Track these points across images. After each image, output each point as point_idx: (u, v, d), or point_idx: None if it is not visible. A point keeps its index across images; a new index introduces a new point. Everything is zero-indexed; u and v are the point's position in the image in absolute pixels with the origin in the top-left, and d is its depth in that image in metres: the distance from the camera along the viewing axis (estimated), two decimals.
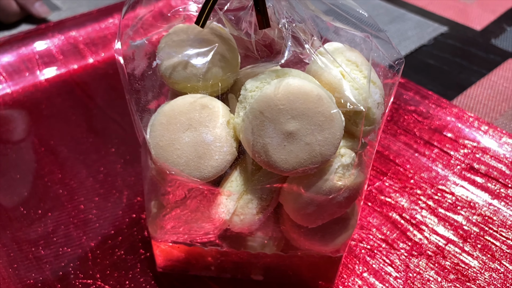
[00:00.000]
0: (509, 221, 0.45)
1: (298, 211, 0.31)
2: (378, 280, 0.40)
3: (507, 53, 0.71)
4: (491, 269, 0.41)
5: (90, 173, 0.48)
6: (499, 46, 0.73)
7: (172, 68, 0.30)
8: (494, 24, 0.78)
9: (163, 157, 0.29)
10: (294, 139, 0.27)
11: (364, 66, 0.30)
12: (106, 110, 0.56)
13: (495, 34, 0.76)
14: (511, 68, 0.68)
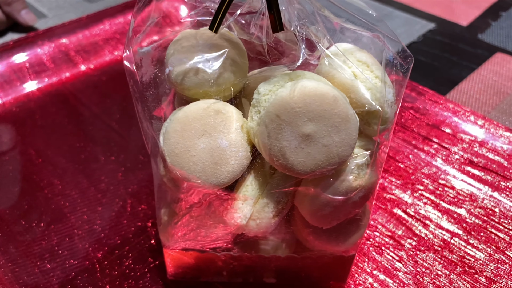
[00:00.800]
0: (510, 212, 0.46)
1: (315, 213, 0.31)
2: (388, 276, 0.41)
3: (494, 47, 0.73)
4: (496, 260, 0.42)
5: (91, 182, 0.48)
6: (485, 40, 0.74)
7: (183, 75, 0.29)
8: (479, 20, 0.79)
9: (179, 165, 0.28)
10: (311, 141, 0.27)
11: (374, 66, 0.30)
12: (102, 117, 0.55)
13: (481, 29, 0.77)
14: (499, 62, 0.70)
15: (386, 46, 0.29)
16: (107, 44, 0.64)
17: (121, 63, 0.63)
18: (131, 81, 0.32)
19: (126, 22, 0.67)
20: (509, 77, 0.67)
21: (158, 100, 0.34)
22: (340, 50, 0.30)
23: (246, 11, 0.29)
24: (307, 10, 0.28)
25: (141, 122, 0.34)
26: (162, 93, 0.35)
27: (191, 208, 0.33)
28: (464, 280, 0.40)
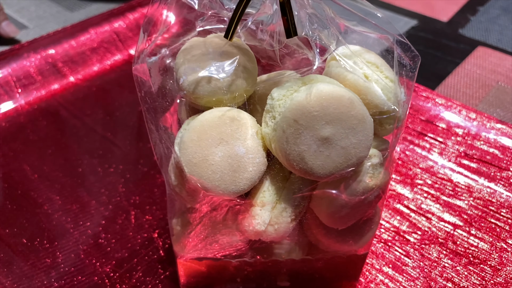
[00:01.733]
0: (507, 202, 0.47)
1: (333, 215, 0.31)
2: (397, 272, 0.41)
3: (475, 41, 0.75)
4: (499, 249, 0.43)
5: (92, 195, 0.47)
6: (466, 35, 0.77)
7: (195, 83, 0.29)
8: (458, 15, 0.82)
9: (198, 174, 0.28)
10: (330, 144, 0.27)
11: (384, 67, 0.31)
12: (96, 129, 0.54)
13: (461, 24, 0.79)
14: (481, 55, 0.72)
15: (396, 48, 0.30)
16: (95, 53, 0.63)
17: (110, 72, 0.62)
18: (142, 92, 0.32)
19: (112, 30, 0.66)
20: (492, 69, 0.69)
21: (167, 110, 0.34)
22: (347, 52, 0.31)
23: (256, 16, 0.29)
24: (319, 14, 0.28)
25: (151, 133, 0.34)
26: (169, 102, 0.35)
27: (205, 216, 0.33)
28: (470, 270, 0.42)
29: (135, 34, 0.67)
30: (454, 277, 0.41)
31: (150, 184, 0.48)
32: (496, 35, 0.77)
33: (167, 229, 0.44)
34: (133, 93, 0.59)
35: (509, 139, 0.51)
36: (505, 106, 0.62)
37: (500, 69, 0.69)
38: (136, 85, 0.32)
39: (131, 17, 0.68)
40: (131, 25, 0.68)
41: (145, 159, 0.51)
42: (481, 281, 0.41)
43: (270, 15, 0.28)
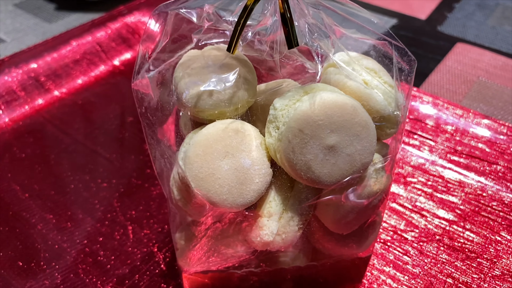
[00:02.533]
0: (497, 195, 0.48)
1: (339, 221, 0.31)
2: (398, 271, 0.42)
3: (454, 38, 0.77)
4: (494, 241, 0.44)
5: (86, 212, 0.46)
6: (445, 32, 0.78)
7: (197, 97, 0.29)
8: (436, 13, 0.83)
9: (205, 189, 0.28)
10: (335, 152, 0.28)
11: (382, 72, 0.31)
12: (85, 143, 0.53)
13: (439, 22, 0.81)
14: (461, 51, 0.74)
15: (394, 53, 0.30)
16: (78, 65, 0.62)
17: (95, 85, 0.61)
18: (142, 108, 0.31)
19: (95, 41, 0.65)
20: (472, 65, 0.71)
21: (164, 123, 0.33)
22: (345, 59, 0.31)
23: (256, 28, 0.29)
24: (318, 23, 0.28)
25: (151, 148, 0.33)
26: (166, 116, 0.34)
27: (209, 229, 0.33)
28: (468, 265, 0.42)
29: (118, 44, 0.66)
30: (454, 273, 0.42)
31: (146, 197, 0.47)
32: (473, 31, 0.79)
33: (167, 242, 0.43)
34: (120, 105, 0.59)
35: (496, 133, 0.53)
36: (487, 101, 0.63)
37: (480, 65, 0.71)
38: (136, 101, 0.31)
39: (113, 27, 0.67)
40: (113, 35, 0.67)
41: (138, 172, 0.50)
42: (479, 274, 0.42)
43: (269, 25, 0.28)
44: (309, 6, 0.28)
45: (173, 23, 0.30)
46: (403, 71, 0.30)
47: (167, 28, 0.31)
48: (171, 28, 0.30)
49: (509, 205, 0.48)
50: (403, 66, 0.30)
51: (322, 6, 0.28)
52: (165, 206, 0.47)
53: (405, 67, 0.31)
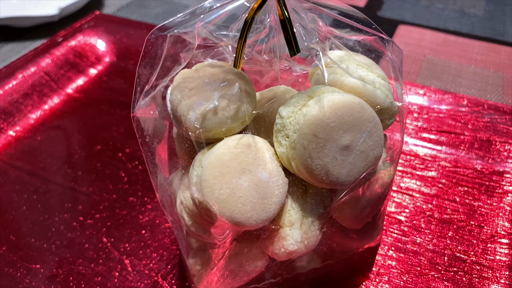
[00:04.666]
0: (469, 163, 0.52)
1: (357, 217, 0.32)
2: (400, 252, 0.43)
3: (394, 21, 0.80)
4: (477, 207, 0.47)
5: (76, 254, 0.43)
6: (385, 16, 0.82)
7: (202, 117, 0.28)
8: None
9: (229, 210, 0.27)
10: (350, 151, 0.28)
11: (374, 66, 0.32)
12: (56, 181, 0.50)
13: (377, 7, 0.85)
14: (404, 33, 0.77)
15: (385, 46, 0.31)
16: (28, 99, 0.58)
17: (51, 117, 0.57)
18: (142, 138, 0.30)
19: (41, 70, 0.61)
20: (417, 45, 0.74)
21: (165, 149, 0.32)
22: (336, 58, 0.31)
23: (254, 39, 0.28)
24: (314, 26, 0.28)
25: (153, 176, 0.32)
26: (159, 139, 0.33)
27: (227, 250, 0.32)
28: (461, 234, 0.45)
29: (67, 71, 0.62)
30: (450, 244, 0.44)
31: (136, 227, 0.45)
32: (409, 12, 0.83)
33: (169, 269, 0.42)
34: (83, 135, 0.55)
35: (457, 106, 0.56)
36: (438, 76, 0.67)
37: (423, 43, 0.75)
38: (136, 130, 0.30)
39: (58, 53, 0.63)
40: (60, 62, 0.63)
41: (121, 202, 0.48)
42: (471, 241, 0.44)
43: (265, 36, 0.28)
44: (304, 10, 0.28)
45: (169, 47, 0.28)
46: (395, 62, 0.31)
47: (163, 52, 0.29)
48: (167, 51, 0.29)
49: (481, 171, 0.51)
50: (393, 58, 0.31)
51: (314, 9, 0.28)
52: (159, 232, 0.45)
53: (395, 59, 0.32)
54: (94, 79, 0.63)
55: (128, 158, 0.53)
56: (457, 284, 0.41)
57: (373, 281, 0.41)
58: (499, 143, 0.53)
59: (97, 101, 0.60)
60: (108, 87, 0.63)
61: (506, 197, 0.48)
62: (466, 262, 0.43)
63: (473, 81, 0.66)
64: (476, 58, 0.71)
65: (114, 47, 0.67)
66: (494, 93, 0.64)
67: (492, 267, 0.42)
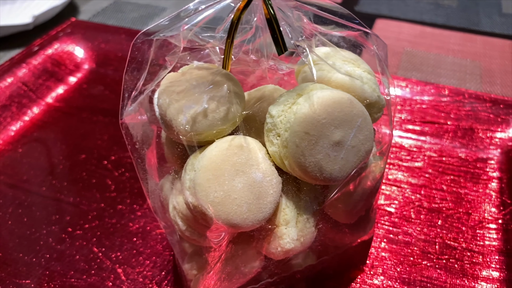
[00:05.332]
0: (453, 152, 0.52)
1: (350, 212, 0.32)
2: (393, 243, 0.44)
3: (372, 15, 0.81)
4: (463, 195, 0.48)
5: (67, 267, 0.42)
6: (362, 11, 0.83)
7: (192, 121, 0.28)
8: None
9: (225, 212, 0.27)
10: (342, 147, 0.28)
11: (359, 61, 0.32)
12: (41, 193, 0.48)
13: (353, 2, 0.85)
14: (382, 27, 0.78)
15: (367, 42, 0.31)
16: (7, 111, 0.56)
17: (32, 128, 0.56)
18: (131, 144, 0.29)
19: (19, 81, 0.59)
20: (396, 38, 0.75)
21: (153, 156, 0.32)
22: (322, 55, 0.31)
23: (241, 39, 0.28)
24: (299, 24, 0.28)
25: (143, 181, 0.31)
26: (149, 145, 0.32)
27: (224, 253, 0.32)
28: (450, 222, 0.46)
29: (46, 80, 0.61)
30: (440, 232, 0.45)
31: (126, 235, 0.45)
32: (386, 6, 0.84)
33: (164, 276, 0.41)
34: (66, 144, 0.54)
35: (439, 96, 0.57)
36: (418, 68, 0.68)
37: (402, 36, 0.76)
38: (125, 137, 0.29)
39: (35, 63, 0.62)
40: (37, 71, 0.61)
41: (110, 211, 0.47)
42: (461, 228, 0.45)
43: (252, 35, 0.28)
44: (290, 8, 0.28)
45: (155, 51, 0.28)
46: (380, 56, 0.32)
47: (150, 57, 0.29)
48: (153, 56, 0.28)
49: (466, 159, 0.52)
50: (379, 52, 0.32)
51: (299, 7, 0.28)
52: (151, 239, 0.44)
53: (380, 52, 0.32)
54: (74, 87, 0.62)
55: (114, 165, 0.52)
56: (450, 271, 0.41)
57: (368, 274, 0.41)
58: (481, 130, 0.54)
59: (79, 109, 0.59)
60: (88, 94, 0.62)
61: (491, 183, 0.49)
62: (457, 249, 0.43)
63: (452, 71, 0.67)
64: (453, 48, 0.72)
65: (92, 54, 0.66)
66: (473, 82, 0.65)
67: (483, 252, 0.43)
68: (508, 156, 0.51)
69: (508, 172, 0.50)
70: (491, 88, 0.64)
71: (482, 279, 0.41)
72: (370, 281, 0.41)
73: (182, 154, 0.31)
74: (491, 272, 0.41)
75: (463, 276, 0.41)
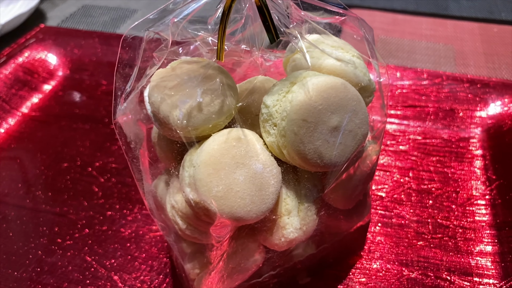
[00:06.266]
0: (436, 133, 0.53)
1: (349, 197, 0.32)
2: (387, 227, 0.44)
3: None
4: (450, 174, 0.49)
5: (61, 279, 0.40)
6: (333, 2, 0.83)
7: (187, 116, 0.27)
8: None
9: (228, 206, 0.26)
10: (339, 132, 0.28)
11: (347, 46, 0.32)
12: (25, 205, 0.47)
13: None
14: None
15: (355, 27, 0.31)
16: None
17: (9, 139, 0.54)
18: (125, 144, 0.29)
19: None
20: None
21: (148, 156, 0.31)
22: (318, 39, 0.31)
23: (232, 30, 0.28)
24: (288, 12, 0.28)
25: (138, 181, 0.30)
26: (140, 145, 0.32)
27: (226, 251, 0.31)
28: (439, 201, 0.46)
29: (19, 89, 0.59)
30: (431, 213, 0.45)
31: (119, 241, 0.43)
32: None
33: (162, 279, 0.40)
34: (46, 153, 0.53)
35: (418, 80, 0.58)
36: (394, 55, 0.69)
37: (375, 25, 0.77)
38: (119, 138, 0.29)
39: (6, 72, 0.60)
40: (9, 81, 0.59)
41: (99, 218, 0.46)
42: (450, 206, 0.46)
43: (242, 25, 0.27)
44: None
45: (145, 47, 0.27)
46: (370, 41, 0.32)
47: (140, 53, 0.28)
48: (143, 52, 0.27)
49: (449, 139, 0.53)
50: (368, 36, 0.32)
51: None
52: (145, 243, 0.43)
53: (368, 37, 0.32)
54: (50, 95, 0.60)
55: (99, 171, 0.50)
56: (445, 249, 0.42)
57: (367, 259, 0.41)
58: (461, 110, 0.55)
59: (56, 117, 0.57)
60: (65, 101, 0.60)
61: (475, 161, 0.50)
62: (449, 228, 0.44)
63: (426, 56, 0.69)
64: (425, 33, 0.74)
65: (65, 60, 0.64)
66: (448, 65, 0.67)
67: (474, 228, 0.44)
68: (489, 133, 0.53)
69: (490, 149, 0.51)
70: (465, 69, 0.66)
71: (476, 254, 0.42)
72: (369, 265, 0.41)
73: (177, 152, 0.31)
74: (484, 246, 0.42)
75: (458, 252, 0.42)
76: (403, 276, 0.40)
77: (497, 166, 0.49)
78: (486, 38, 0.73)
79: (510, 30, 0.75)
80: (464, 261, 0.41)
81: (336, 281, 0.40)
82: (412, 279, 0.40)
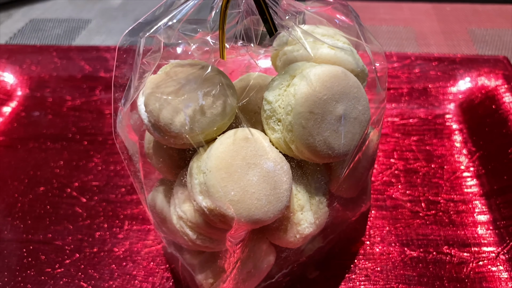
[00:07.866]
0: (414, 113, 0.55)
1: (355, 185, 0.32)
2: (382, 210, 0.45)
3: None
4: (432, 151, 0.50)
5: None
6: None
7: (191, 121, 0.26)
8: None
9: (246, 209, 0.25)
10: (345, 120, 0.28)
11: (338, 34, 0.32)
12: (3, 237, 0.43)
13: None
14: None
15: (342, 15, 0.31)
16: None
17: None
18: (127, 159, 0.27)
19: None
20: None
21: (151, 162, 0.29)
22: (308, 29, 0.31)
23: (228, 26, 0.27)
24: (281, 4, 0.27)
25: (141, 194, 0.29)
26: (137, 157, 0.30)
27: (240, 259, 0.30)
28: (428, 179, 0.48)
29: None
30: (422, 190, 0.46)
31: (113, 260, 0.41)
32: None
33: None
34: (19, 180, 0.49)
35: (389, 63, 0.59)
36: None
37: None
38: (121, 152, 0.27)
39: None
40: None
41: (87, 240, 0.43)
42: (438, 182, 0.47)
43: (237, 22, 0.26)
44: None
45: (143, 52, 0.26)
46: (362, 27, 0.32)
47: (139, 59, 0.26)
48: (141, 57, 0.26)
49: (425, 118, 0.54)
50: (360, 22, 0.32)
51: None
52: (142, 260, 0.41)
53: (359, 22, 0.32)
54: (11, 117, 0.56)
55: (79, 192, 0.48)
56: (441, 224, 0.43)
57: (369, 244, 0.42)
58: (433, 88, 0.57)
59: (22, 140, 0.54)
60: (29, 122, 0.56)
61: (453, 136, 0.52)
62: (440, 203, 0.45)
63: (389, 39, 0.70)
64: (385, 18, 0.75)
65: (23, 78, 0.60)
66: (411, 46, 0.69)
67: (464, 200, 0.45)
68: (462, 108, 0.55)
69: (466, 122, 0.53)
70: (427, 49, 0.68)
71: (470, 225, 0.43)
72: (372, 250, 0.41)
73: (178, 161, 0.29)
74: (477, 216, 0.44)
75: (453, 226, 0.43)
76: (406, 256, 0.41)
77: (475, 138, 0.51)
78: (441, 18, 0.75)
79: (461, 8, 0.78)
80: (461, 233, 0.42)
81: (343, 270, 0.40)
82: (415, 258, 0.41)
